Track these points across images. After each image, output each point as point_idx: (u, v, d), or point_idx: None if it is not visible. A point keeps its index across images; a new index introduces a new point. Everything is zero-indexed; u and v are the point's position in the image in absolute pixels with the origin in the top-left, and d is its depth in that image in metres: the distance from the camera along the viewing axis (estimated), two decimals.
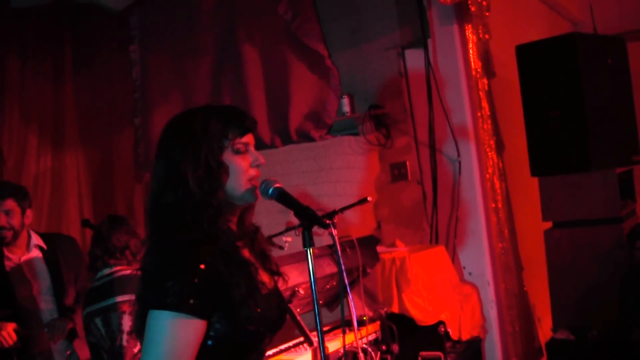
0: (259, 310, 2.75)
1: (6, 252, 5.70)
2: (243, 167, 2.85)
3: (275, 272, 3.08)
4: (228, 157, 2.84)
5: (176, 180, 2.78)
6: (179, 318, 2.58)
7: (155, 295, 2.62)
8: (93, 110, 8.51)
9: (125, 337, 4.93)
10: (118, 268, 5.11)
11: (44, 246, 5.89)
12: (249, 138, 2.91)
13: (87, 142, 8.50)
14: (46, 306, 5.75)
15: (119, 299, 4.93)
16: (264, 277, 2.96)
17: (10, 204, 5.67)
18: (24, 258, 5.76)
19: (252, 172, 2.87)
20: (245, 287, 2.72)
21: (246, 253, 2.92)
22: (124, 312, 4.92)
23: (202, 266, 2.62)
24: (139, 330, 2.68)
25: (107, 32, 8.51)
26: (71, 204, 8.17)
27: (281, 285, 3.13)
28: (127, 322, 4.90)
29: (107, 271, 5.10)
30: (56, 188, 8.06)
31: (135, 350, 4.96)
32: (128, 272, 5.08)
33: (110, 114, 8.58)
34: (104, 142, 8.61)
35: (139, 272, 2.81)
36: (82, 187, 8.40)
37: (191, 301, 2.58)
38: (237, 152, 2.86)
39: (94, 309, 5.03)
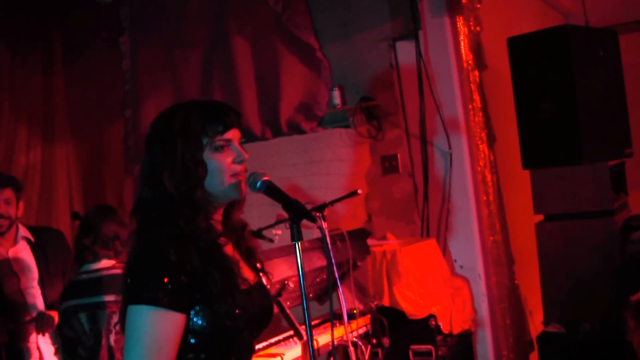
0: (236, 306, 2.75)
1: None
2: (224, 165, 2.84)
3: (259, 270, 3.08)
4: (208, 154, 2.82)
5: (155, 179, 2.81)
6: (157, 312, 2.61)
7: (133, 290, 2.66)
8: (83, 102, 8.47)
9: (112, 337, 4.88)
10: (106, 264, 5.02)
11: (32, 238, 5.86)
12: (231, 134, 2.87)
13: (77, 134, 8.47)
14: (33, 299, 5.72)
15: (107, 298, 4.85)
16: (247, 273, 2.95)
17: (9, 193, 5.68)
18: (11, 251, 5.73)
19: (236, 168, 2.85)
20: (221, 283, 2.73)
21: (229, 249, 2.91)
22: (113, 312, 4.85)
23: (177, 261, 2.65)
24: (123, 326, 2.69)
25: (97, 24, 8.45)
26: (61, 197, 8.14)
27: (268, 281, 3.12)
28: (115, 322, 4.85)
29: (94, 266, 5.00)
30: (46, 181, 8.02)
31: None
32: (118, 271, 4.96)
33: (101, 107, 8.54)
34: (94, 134, 8.58)
35: None
36: (72, 179, 8.37)
37: (167, 295, 2.61)
38: (218, 149, 2.84)
39: (79, 303, 4.94)
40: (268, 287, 3.12)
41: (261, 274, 3.09)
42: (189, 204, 2.78)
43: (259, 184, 2.87)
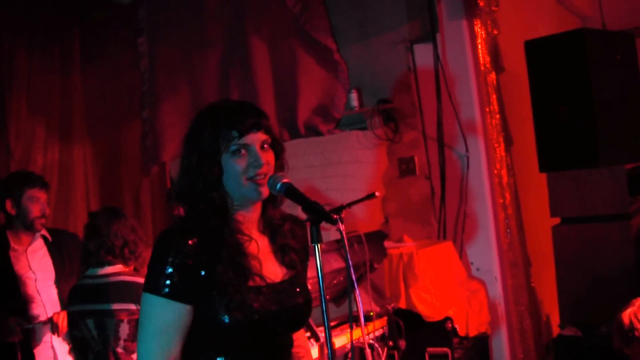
0: (238, 302, 2.83)
1: (12, 243, 5.72)
2: (238, 170, 2.90)
3: (290, 267, 3.10)
4: (226, 158, 2.91)
5: (179, 180, 2.99)
6: (159, 300, 2.80)
7: (145, 278, 2.87)
8: (101, 102, 8.48)
9: (121, 343, 4.85)
10: (113, 270, 4.95)
11: (49, 237, 5.90)
12: (248, 139, 2.92)
13: (95, 134, 8.48)
14: (48, 298, 5.75)
15: (116, 306, 4.81)
16: (270, 271, 2.99)
17: (45, 192, 5.86)
18: (29, 249, 5.77)
19: (253, 171, 2.90)
20: (225, 278, 2.83)
21: (254, 246, 2.97)
22: (121, 321, 4.77)
23: (185, 253, 2.80)
24: None
25: (115, 24, 8.48)
26: (78, 197, 8.15)
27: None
28: (124, 330, 4.79)
29: (100, 271, 4.95)
30: (63, 181, 8.02)
31: (133, 356, 4.85)
32: (127, 278, 4.93)
33: (118, 107, 8.56)
34: (111, 134, 8.59)
35: (136, 279, 2.94)
36: (89, 179, 8.37)
37: (170, 285, 2.79)
38: (235, 153, 2.91)
39: (86, 308, 4.91)
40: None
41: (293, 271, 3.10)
42: (204, 202, 2.91)
43: (278, 185, 2.88)
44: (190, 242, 2.82)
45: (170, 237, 2.88)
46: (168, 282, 2.79)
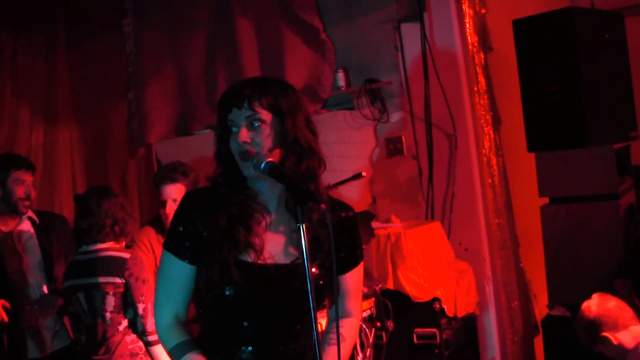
0: (221, 273, 2.90)
1: None
2: (232, 148, 2.97)
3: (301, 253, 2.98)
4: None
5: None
6: (167, 255, 3.05)
7: None
8: (86, 84, 8.43)
9: (108, 315, 4.93)
10: (104, 246, 5.10)
11: (36, 219, 5.87)
12: (234, 115, 2.97)
13: (80, 116, 8.43)
14: (35, 281, 5.73)
15: (102, 279, 4.96)
16: (272, 251, 3.00)
17: (30, 175, 5.85)
18: (16, 230, 5.74)
19: (239, 149, 2.94)
20: (213, 244, 2.93)
21: (262, 224, 3.02)
22: (107, 293, 4.93)
23: (196, 215, 3.00)
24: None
25: (100, 6, 8.41)
26: (64, 180, 8.12)
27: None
28: (110, 302, 4.95)
29: (91, 247, 5.11)
30: (48, 163, 7.99)
31: (119, 327, 5.00)
32: (113, 253, 5.07)
33: (104, 89, 8.50)
34: (97, 116, 8.53)
35: (122, 254, 3.56)
36: (75, 162, 8.34)
37: (175, 242, 3.03)
38: (232, 129, 2.98)
39: (77, 283, 5.07)
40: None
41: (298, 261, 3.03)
42: (222, 171, 3.07)
43: (263, 165, 2.86)
44: (199, 204, 3.04)
45: (187, 198, 3.12)
46: (175, 239, 3.03)
